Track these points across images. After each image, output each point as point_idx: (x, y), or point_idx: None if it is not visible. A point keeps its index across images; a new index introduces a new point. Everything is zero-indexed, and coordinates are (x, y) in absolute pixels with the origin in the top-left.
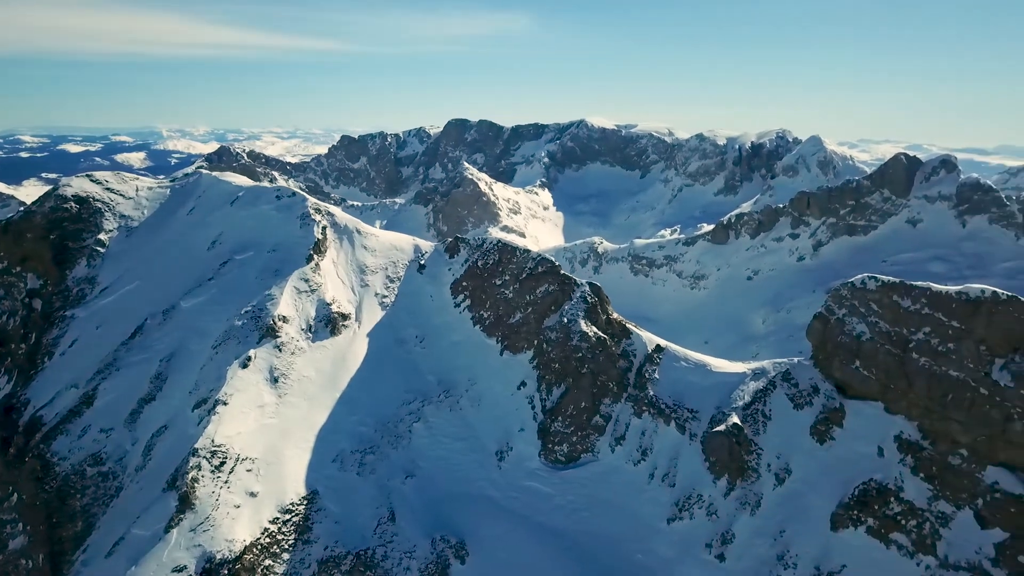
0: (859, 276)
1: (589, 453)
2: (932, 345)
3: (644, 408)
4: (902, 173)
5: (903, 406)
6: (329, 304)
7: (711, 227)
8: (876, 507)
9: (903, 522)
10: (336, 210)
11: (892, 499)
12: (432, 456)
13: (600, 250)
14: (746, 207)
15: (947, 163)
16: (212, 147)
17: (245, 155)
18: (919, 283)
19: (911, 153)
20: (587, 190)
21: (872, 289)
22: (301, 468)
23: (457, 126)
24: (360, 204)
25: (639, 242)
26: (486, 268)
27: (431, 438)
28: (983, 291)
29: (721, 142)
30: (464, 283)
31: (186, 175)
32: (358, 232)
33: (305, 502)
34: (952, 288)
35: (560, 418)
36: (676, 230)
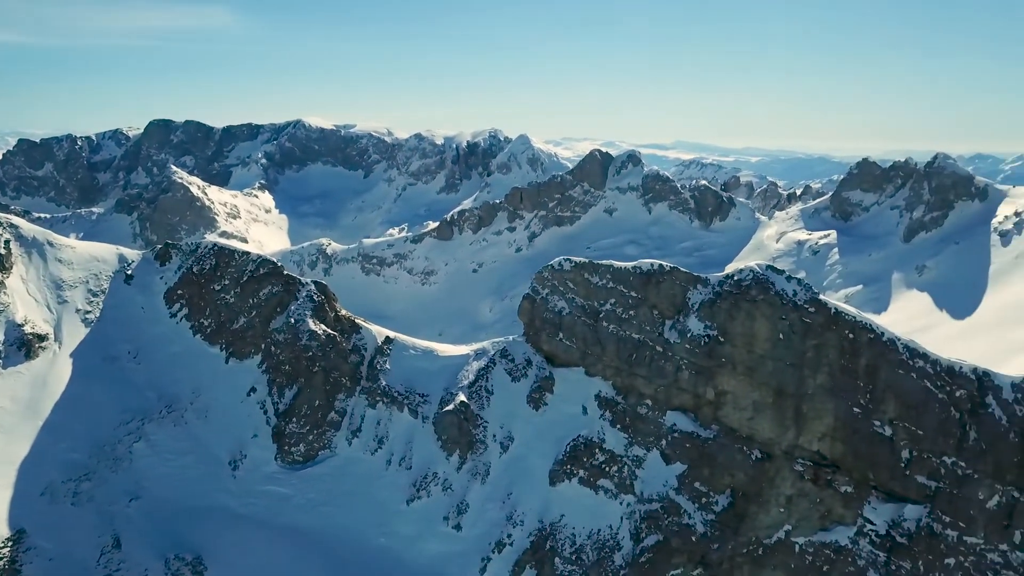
0: (556, 259)
1: (327, 449)
2: (617, 314)
3: (378, 398)
4: (597, 168)
5: (600, 368)
6: (21, 325)
7: (436, 224)
8: (585, 459)
9: (607, 469)
10: (21, 221)
11: (597, 450)
12: (158, 475)
13: (329, 251)
14: (467, 204)
15: (633, 157)
16: None
17: None
18: (603, 262)
19: (605, 149)
20: (310, 191)
21: (567, 270)
22: (2, 508)
23: (161, 127)
24: (49, 216)
25: (368, 242)
26: (203, 274)
27: (156, 456)
28: (652, 264)
29: (439, 141)
30: (179, 291)
31: None
32: (50, 244)
33: (10, 544)
34: (629, 264)
35: (295, 419)
36: (403, 228)
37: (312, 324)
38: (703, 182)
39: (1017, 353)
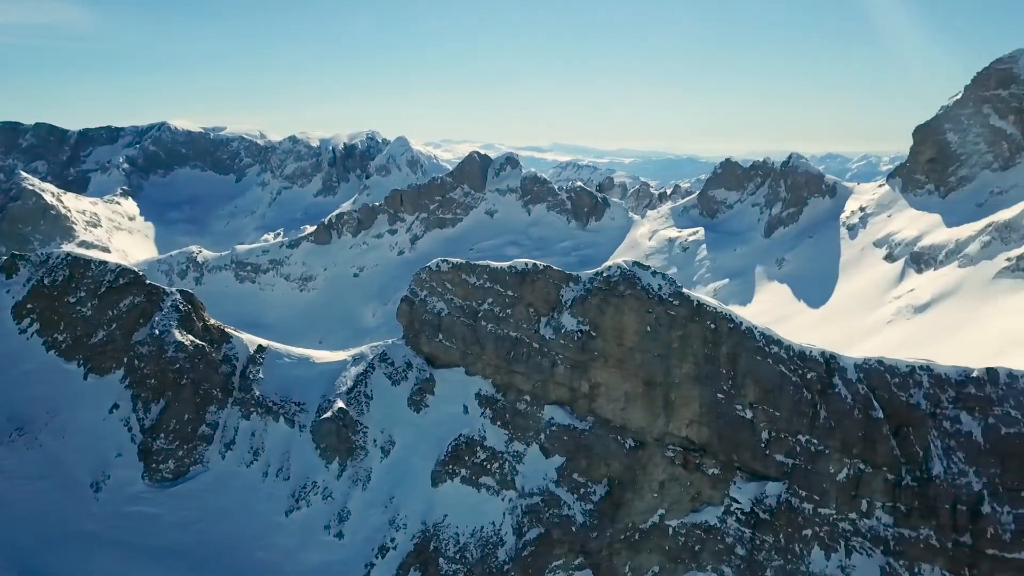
0: (434, 260)
1: (198, 464)
2: (495, 312)
3: (252, 409)
4: (477, 170)
5: (479, 367)
6: None
7: (314, 228)
8: (467, 458)
9: (488, 466)
10: None
11: (478, 448)
12: (9, 502)
13: (200, 259)
14: (346, 207)
15: (511, 160)
16: None
17: None
18: (480, 262)
19: (484, 151)
20: (178, 196)
21: (445, 271)
22: None
23: (7, 130)
24: None
25: (242, 248)
26: (55, 286)
27: (6, 482)
28: (526, 264)
29: (314, 144)
30: (29, 305)
31: None
32: None
33: None
34: (505, 264)
35: (162, 435)
36: (279, 233)
37: (178, 335)
38: (579, 183)
39: (866, 337)
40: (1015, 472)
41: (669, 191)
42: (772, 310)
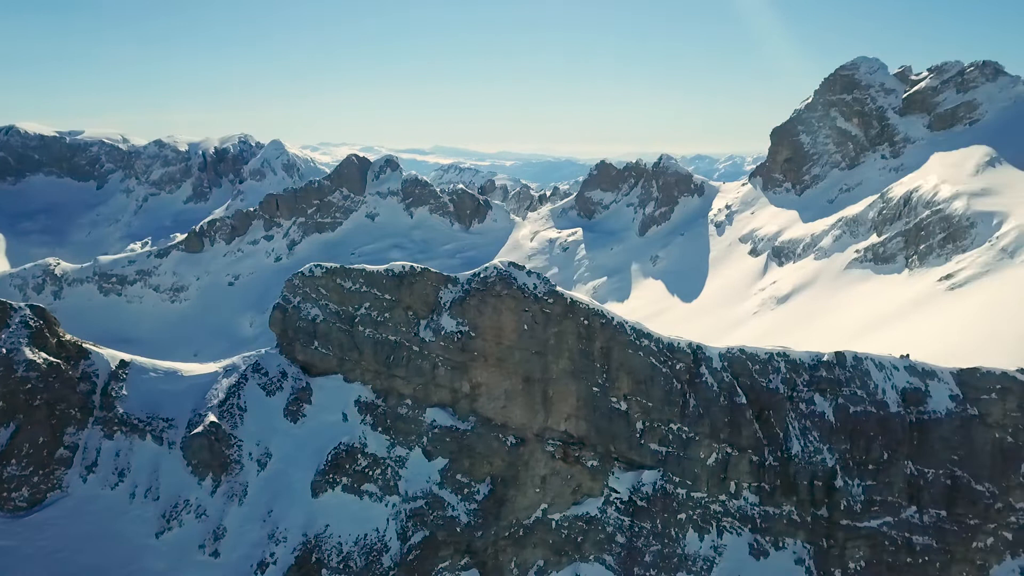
0: (307, 266)
1: (57, 490)
2: (373, 317)
3: (115, 428)
4: (356, 172)
5: (358, 373)
6: None
7: (184, 236)
8: (347, 466)
9: (371, 473)
10: None
11: (359, 455)
12: None
13: (58, 272)
14: (219, 213)
15: (391, 162)
16: None
17: None
18: (355, 266)
19: (364, 155)
20: (32, 205)
21: (319, 276)
22: None
23: None
24: None
25: (105, 259)
26: None
27: None
28: (403, 266)
29: (183, 148)
30: None
31: None
32: None
33: None
34: (381, 267)
35: (14, 461)
36: (147, 242)
37: (29, 353)
38: (461, 186)
39: (734, 327)
40: (862, 447)
41: (549, 193)
42: (648, 305)
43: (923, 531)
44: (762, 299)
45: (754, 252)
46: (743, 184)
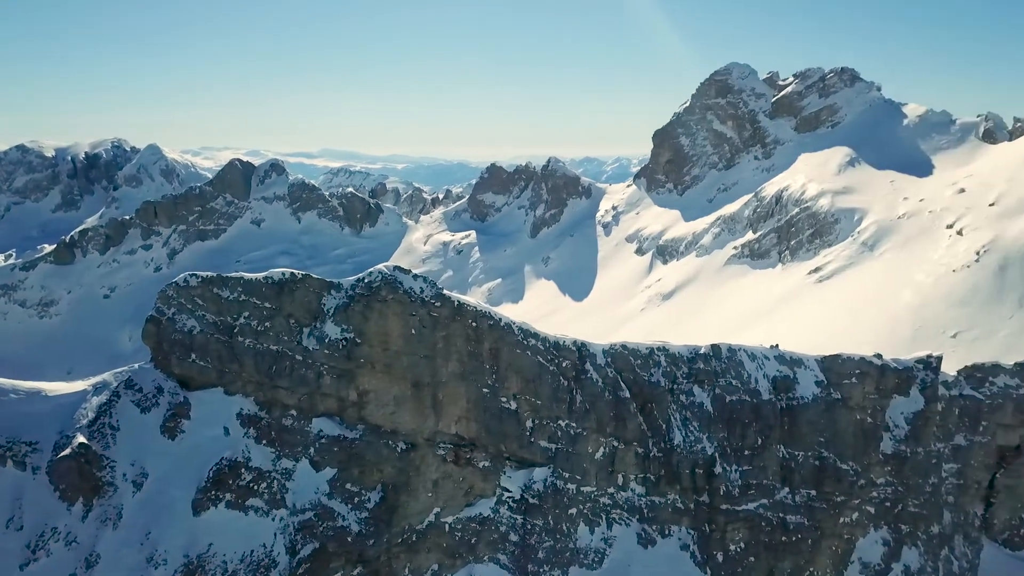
0: (181, 275)
1: None
2: (253, 327)
3: None
4: (239, 177)
5: (239, 386)
6: None
7: (53, 247)
8: (231, 482)
9: (256, 487)
10: None
11: (243, 470)
12: None
13: None
14: (91, 222)
15: (276, 166)
16: None
17: None
18: (233, 274)
19: (248, 159)
20: None
21: (195, 286)
22: None
23: None
24: None
25: None
26: None
27: None
28: (284, 273)
29: (49, 153)
30: None
31: None
32: None
33: None
34: (260, 274)
35: None
36: (11, 255)
37: None
38: (350, 190)
39: (623, 324)
40: (738, 434)
41: (441, 196)
42: (542, 305)
43: (795, 510)
44: (648, 296)
45: (640, 251)
46: (628, 185)
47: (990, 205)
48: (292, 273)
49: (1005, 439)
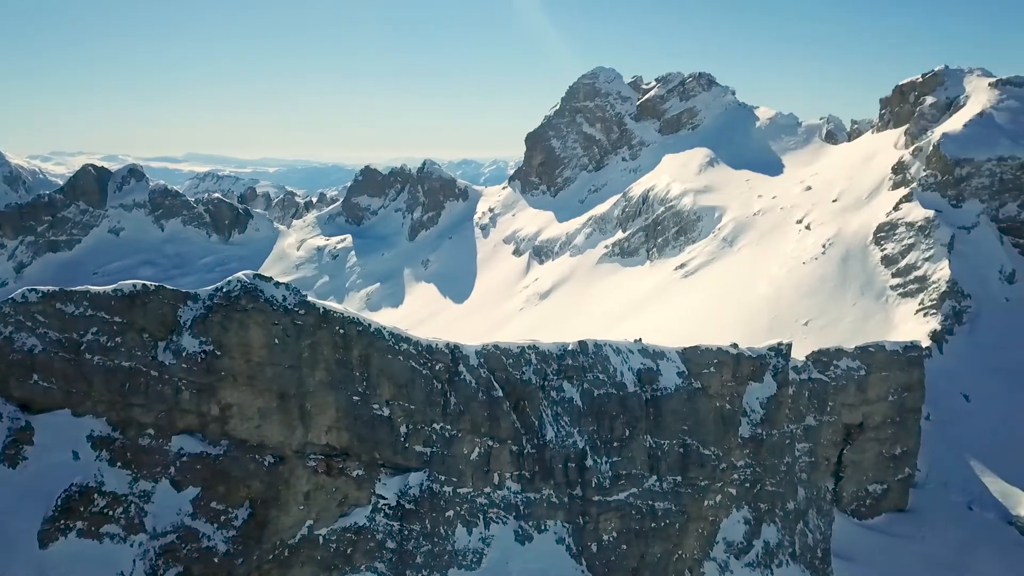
0: (19, 291)
1: None
2: (102, 343)
3: None
4: (94, 184)
5: (89, 406)
6: None
7: None
8: (82, 509)
9: (111, 513)
10: None
11: (96, 496)
12: None
13: None
14: None
15: (135, 172)
16: None
17: None
18: (78, 288)
19: (104, 164)
20: None
21: (35, 301)
22: None
23: None
24: None
25: None
26: None
27: None
28: (134, 285)
29: None
30: None
31: None
32: None
33: None
34: (108, 287)
35: None
36: None
37: None
38: (217, 195)
39: (503, 324)
40: (607, 427)
41: (315, 200)
42: (422, 309)
43: (663, 497)
44: (527, 296)
45: (517, 252)
46: (504, 187)
47: (833, 201)
48: (144, 285)
49: (850, 417)
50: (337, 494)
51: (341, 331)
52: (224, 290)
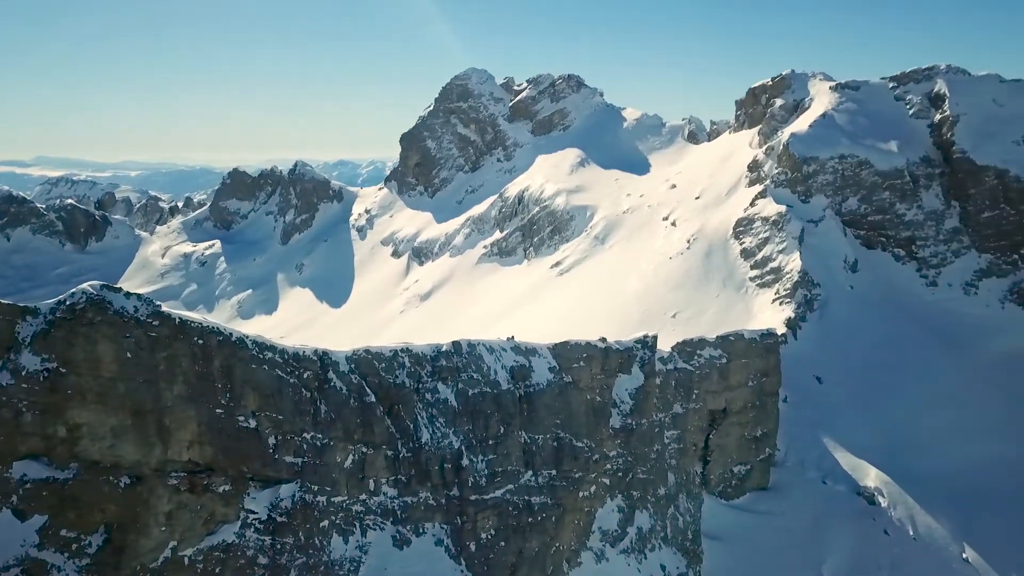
0: None
1: None
2: None
3: None
4: None
5: None
6: None
7: None
8: None
9: None
10: None
11: None
12: None
13: None
14: None
15: None
16: None
17: None
18: None
19: None
20: None
21: None
22: None
23: None
24: None
25: None
26: None
27: None
28: None
29: None
30: None
31: None
32: None
33: None
34: None
35: None
36: None
37: None
38: (71, 201)
39: (384, 328)
40: (482, 425)
41: (181, 204)
42: (298, 315)
43: (539, 491)
44: (407, 298)
45: (396, 254)
46: (380, 188)
47: (696, 198)
48: None
49: (714, 404)
50: (203, 512)
51: (200, 341)
52: (68, 303)
